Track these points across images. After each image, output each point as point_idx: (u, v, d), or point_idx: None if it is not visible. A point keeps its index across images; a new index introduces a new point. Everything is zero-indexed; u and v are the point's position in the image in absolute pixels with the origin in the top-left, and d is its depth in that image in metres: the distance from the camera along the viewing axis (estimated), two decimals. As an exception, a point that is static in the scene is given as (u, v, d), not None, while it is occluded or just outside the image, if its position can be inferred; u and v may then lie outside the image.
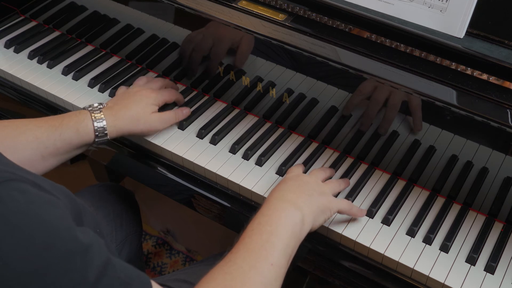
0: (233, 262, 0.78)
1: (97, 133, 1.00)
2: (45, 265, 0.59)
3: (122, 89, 1.15)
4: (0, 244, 0.57)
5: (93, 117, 1.00)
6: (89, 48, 1.34)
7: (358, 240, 0.95)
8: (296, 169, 1.03)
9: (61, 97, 1.20)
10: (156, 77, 1.25)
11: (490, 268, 0.91)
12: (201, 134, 1.12)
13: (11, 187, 0.60)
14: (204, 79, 1.20)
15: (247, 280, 0.75)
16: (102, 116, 1.01)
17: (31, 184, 0.63)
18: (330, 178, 1.04)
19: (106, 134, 1.01)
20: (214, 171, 1.06)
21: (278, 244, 0.81)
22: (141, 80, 1.16)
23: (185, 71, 1.23)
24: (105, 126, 1.00)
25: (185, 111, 1.13)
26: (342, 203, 0.95)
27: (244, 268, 0.77)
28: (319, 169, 1.02)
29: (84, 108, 1.03)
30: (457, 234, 0.96)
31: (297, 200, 0.88)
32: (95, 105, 1.03)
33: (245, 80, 1.14)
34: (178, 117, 1.12)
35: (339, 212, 0.95)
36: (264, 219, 0.84)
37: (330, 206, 0.93)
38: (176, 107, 1.16)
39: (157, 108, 1.09)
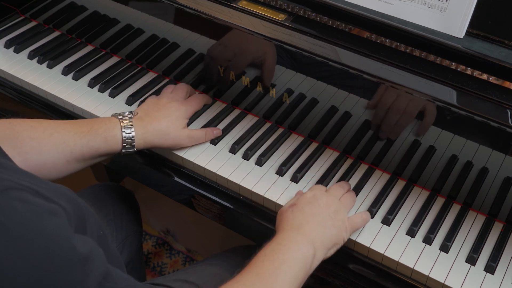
0: (242, 283, 0.78)
1: (124, 144, 0.99)
2: (44, 276, 0.58)
3: (152, 98, 1.12)
4: (0, 253, 0.56)
5: (122, 126, 0.99)
6: (89, 48, 1.34)
7: (358, 240, 0.95)
8: (317, 189, 0.98)
9: (61, 97, 1.20)
10: (156, 77, 1.25)
11: (490, 268, 0.91)
12: (201, 134, 1.12)
13: (11, 196, 0.60)
14: (204, 79, 1.20)
15: None
16: (132, 126, 1.00)
17: (32, 192, 0.63)
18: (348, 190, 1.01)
19: (133, 146, 1.00)
20: (214, 171, 1.06)
21: (289, 273, 0.81)
22: (169, 88, 1.14)
23: (186, 70, 1.23)
24: (134, 137, 0.99)
25: (215, 132, 1.10)
26: (356, 225, 0.94)
27: None
28: (337, 187, 0.99)
29: (113, 115, 1.02)
30: (457, 234, 0.96)
31: (311, 234, 0.87)
32: (126, 113, 1.02)
33: (245, 80, 1.14)
34: (208, 137, 1.10)
35: (355, 231, 0.95)
36: (278, 247, 0.84)
37: (343, 236, 0.92)
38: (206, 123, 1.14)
39: (186, 121, 1.08)
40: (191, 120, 1.14)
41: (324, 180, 1.04)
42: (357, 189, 1.02)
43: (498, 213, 0.98)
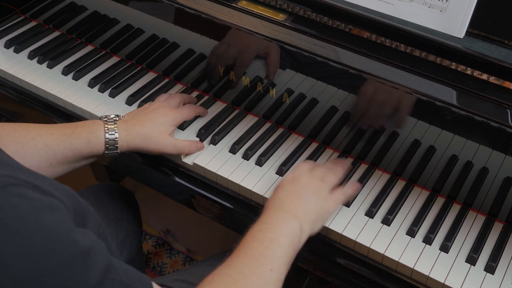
0: (234, 266, 0.79)
1: (107, 145, 0.99)
2: (47, 270, 0.59)
3: (145, 104, 1.12)
4: (1, 250, 0.57)
5: (106, 128, 0.99)
6: (89, 48, 1.34)
7: (358, 240, 0.95)
8: (298, 170, 0.99)
9: (61, 97, 1.20)
10: (156, 77, 1.25)
11: (490, 268, 0.91)
12: (201, 134, 1.12)
13: (11, 192, 0.60)
14: (204, 79, 1.20)
15: (248, 284, 0.77)
16: (116, 128, 1.00)
17: (32, 187, 0.63)
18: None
19: (116, 147, 1.00)
20: (214, 171, 1.06)
21: (278, 251, 0.82)
22: (162, 97, 1.14)
23: (186, 70, 1.23)
24: (117, 139, 0.99)
25: (199, 145, 1.09)
26: (338, 200, 0.96)
27: (245, 273, 0.78)
28: (320, 168, 1.00)
29: (100, 118, 1.02)
30: (457, 234, 0.96)
31: (295, 210, 0.89)
32: (112, 116, 1.02)
33: (245, 80, 1.14)
34: (191, 150, 1.08)
35: (339, 205, 0.97)
36: (265, 227, 0.86)
37: (328, 208, 0.94)
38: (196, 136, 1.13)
39: (174, 128, 1.07)
40: (191, 120, 1.14)
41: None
42: (357, 189, 1.02)
43: (498, 213, 0.98)
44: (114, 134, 0.99)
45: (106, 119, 1.01)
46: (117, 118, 1.02)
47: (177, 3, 1.10)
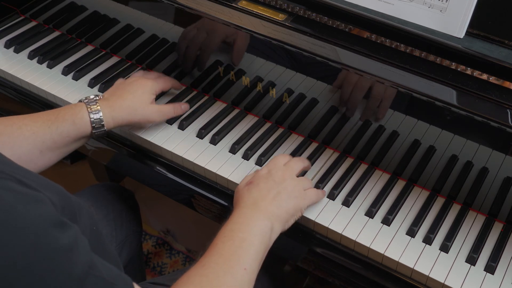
0: (208, 266, 0.80)
1: (93, 125, 1.00)
2: (32, 263, 0.59)
3: (119, 80, 1.14)
4: None
5: (88, 108, 1.00)
6: (89, 48, 1.34)
7: (358, 240, 0.95)
8: (272, 164, 0.99)
9: (61, 97, 1.20)
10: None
11: (490, 268, 0.91)
12: (201, 134, 1.12)
13: None
14: (204, 79, 1.20)
15: (222, 284, 0.78)
16: (98, 107, 1.00)
17: (17, 181, 0.63)
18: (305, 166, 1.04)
19: (103, 125, 1.01)
20: (214, 171, 1.06)
21: (250, 250, 0.84)
22: (138, 73, 1.18)
23: (184, 69, 1.23)
24: (102, 117, 1.00)
25: (183, 106, 1.13)
26: (310, 198, 0.97)
27: (218, 272, 0.79)
28: (295, 161, 1.01)
29: (80, 101, 1.03)
30: (457, 234, 0.96)
31: (267, 209, 0.90)
32: (91, 97, 1.03)
33: (245, 80, 1.14)
34: (176, 112, 1.12)
35: (311, 204, 0.98)
36: (236, 226, 0.87)
37: (300, 206, 0.95)
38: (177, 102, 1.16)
39: (154, 96, 1.09)
40: (191, 120, 1.14)
41: (324, 180, 1.04)
42: (357, 189, 1.02)
43: (498, 213, 0.98)
44: (98, 113, 1.00)
45: (87, 100, 1.02)
46: (97, 98, 1.03)
47: (177, 3, 1.10)
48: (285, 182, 0.95)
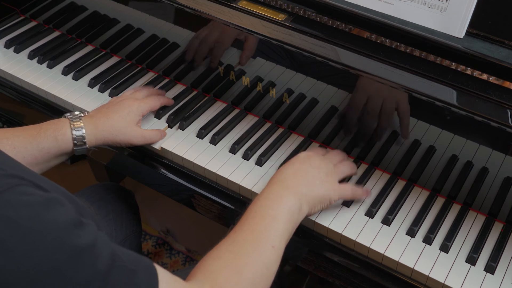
0: (237, 242, 0.81)
1: (75, 141, 0.99)
2: (58, 264, 0.60)
3: (112, 98, 1.14)
4: (14, 248, 0.58)
5: (72, 125, 0.99)
6: (89, 48, 1.34)
7: (358, 240, 0.95)
8: (313, 151, 1.02)
9: (61, 97, 1.20)
10: (156, 77, 1.25)
11: (490, 268, 0.91)
12: (201, 134, 1.12)
13: (19, 191, 0.62)
14: (204, 79, 1.20)
15: (251, 260, 0.79)
16: (82, 124, 0.99)
17: (35, 186, 0.65)
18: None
19: (85, 143, 0.99)
20: (214, 171, 1.06)
21: (279, 228, 0.84)
22: (128, 91, 1.16)
23: (186, 70, 1.23)
24: (84, 134, 0.99)
25: (163, 134, 1.11)
26: (344, 192, 0.97)
27: (247, 248, 0.80)
28: (335, 153, 1.03)
29: (64, 116, 1.02)
30: (457, 234, 0.96)
31: (297, 188, 0.90)
32: (76, 113, 1.03)
33: (245, 80, 1.14)
34: (162, 136, 1.10)
35: (343, 198, 0.97)
36: (266, 203, 0.87)
37: (330, 196, 0.95)
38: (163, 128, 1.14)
39: (140, 118, 1.08)
40: (191, 120, 1.14)
41: (324, 180, 1.04)
42: (357, 189, 1.02)
43: (498, 213, 0.98)
44: (81, 130, 0.99)
45: (71, 116, 1.01)
46: (82, 115, 1.03)
47: (177, 3, 1.10)
48: (322, 168, 0.95)
